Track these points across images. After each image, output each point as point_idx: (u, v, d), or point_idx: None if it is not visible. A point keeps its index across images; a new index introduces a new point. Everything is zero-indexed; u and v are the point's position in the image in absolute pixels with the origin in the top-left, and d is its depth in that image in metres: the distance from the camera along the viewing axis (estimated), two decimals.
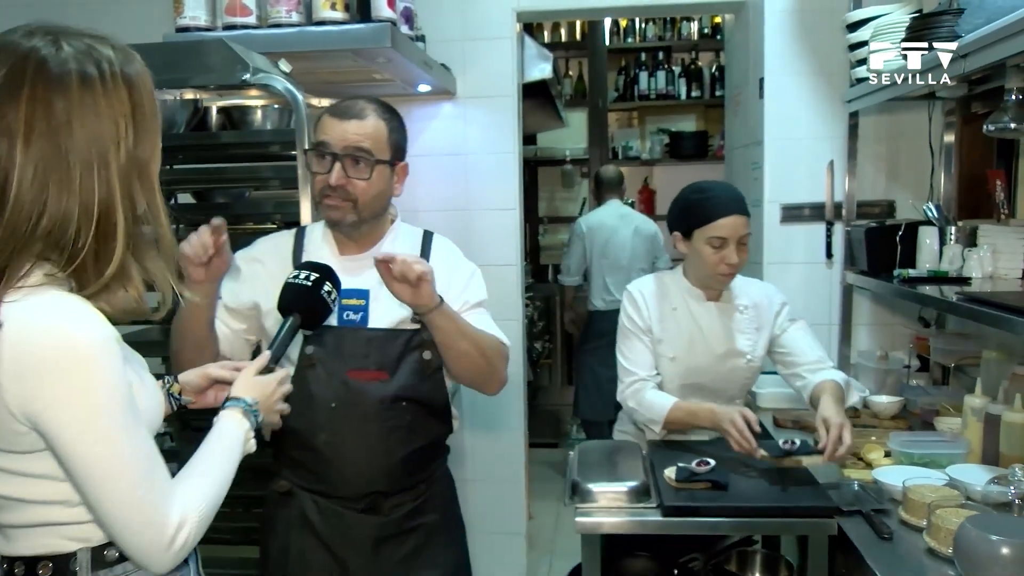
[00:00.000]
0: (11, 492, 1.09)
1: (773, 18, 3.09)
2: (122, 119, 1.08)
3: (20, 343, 1.01)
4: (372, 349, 1.70)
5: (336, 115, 1.72)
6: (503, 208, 3.27)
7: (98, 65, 1.07)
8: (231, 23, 2.41)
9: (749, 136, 3.36)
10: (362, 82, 2.88)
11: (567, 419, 5.71)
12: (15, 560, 1.13)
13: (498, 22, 3.29)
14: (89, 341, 1.03)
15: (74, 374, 1.02)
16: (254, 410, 1.31)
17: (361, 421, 1.69)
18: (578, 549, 1.87)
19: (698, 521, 1.74)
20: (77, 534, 1.12)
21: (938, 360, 2.74)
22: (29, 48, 1.04)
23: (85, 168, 1.05)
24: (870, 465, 2.07)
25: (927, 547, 1.61)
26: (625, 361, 2.21)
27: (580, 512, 1.77)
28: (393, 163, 1.75)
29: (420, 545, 1.79)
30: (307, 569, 1.75)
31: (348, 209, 1.70)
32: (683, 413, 2.08)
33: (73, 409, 1.02)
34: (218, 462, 1.22)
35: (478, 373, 1.75)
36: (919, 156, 2.96)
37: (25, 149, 1.02)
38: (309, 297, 1.56)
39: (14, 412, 1.03)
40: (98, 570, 1.13)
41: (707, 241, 2.10)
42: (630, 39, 6.41)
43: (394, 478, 1.74)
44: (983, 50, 1.84)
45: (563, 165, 6.51)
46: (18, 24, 1.10)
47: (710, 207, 2.11)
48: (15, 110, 1.02)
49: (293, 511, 1.77)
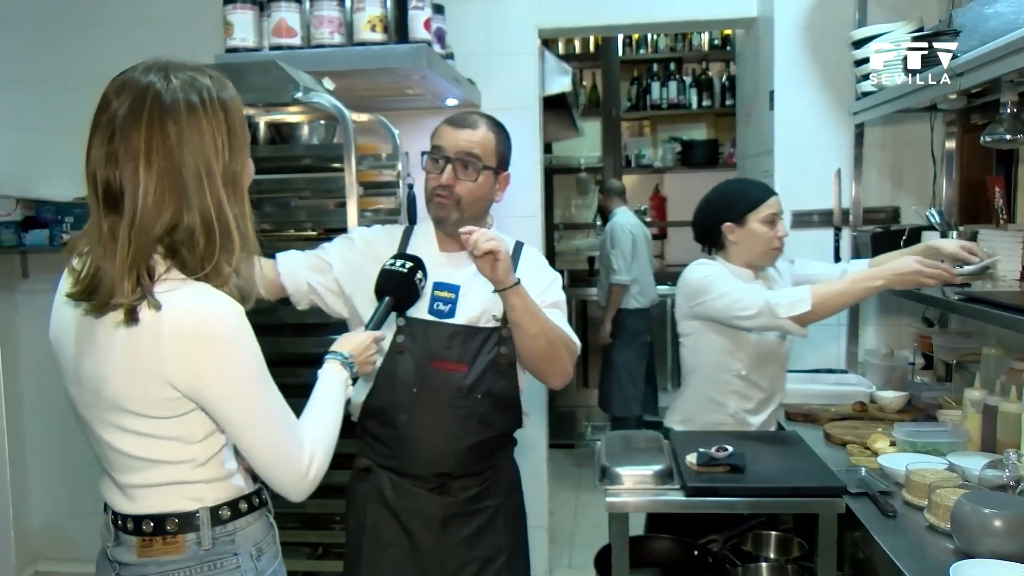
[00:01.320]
0: (145, 453, 1.28)
1: (783, 33, 3.25)
2: (220, 138, 1.27)
3: (179, 324, 1.21)
4: (455, 343, 1.88)
5: (452, 124, 1.91)
6: (526, 215, 3.45)
7: (199, 93, 1.26)
8: (277, 44, 2.58)
9: (760, 145, 3.52)
10: (395, 96, 3.06)
11: (583, 420, 5.86)
12: (142, 518, 1.31)
13: (520, 38, 3.47)
14: (233, 320, 1.25)
15: (225, 347, 1.24)
16: (349, 362, 1.58)
17: (438, 407, 1.87)
18: (595, 541, 2.02)
19: (718, 501, 1.88)
20: (196, 493, 1.31)
21: (941, 357, 2.86)
22: (147, 83, 1.24)
23: (195, 181, 1.23)
24: (876, 454, 2.20)
25: (928, 524, 1.75)
26: (740, 293, 2.24)
27: (609, 493, 1.92)
28: (497, 171, 1.94)
29: (483, 525, 1.96)
30: (380, 541, 1.93)
31: (453, 208, 1.89)
32: (834, 287, 2.21)
33: (226, 376, 1.24)
34: (330, 405, 1.48)
35: (545, 360, 1.89)
36: (922, 164, 3.10)
37: (147, 167, 1.21)
38: (403, 282, 1.77)
39: (173, 381, 1.22)
40: (215, 526, 1.32)
41: (762, 220, 2.32)
42: (642, 50, 6.58)
43: (462, 463, 1.91)
44: (978, 69, 1.99)
45: (578, 173, 6.67)
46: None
47: (756, 192, 2.38)
48: (137, 135, 1.21)
49: (371, 486, 1.96)
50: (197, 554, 1.31)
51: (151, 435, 1.27)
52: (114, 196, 1.22)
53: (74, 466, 3.63)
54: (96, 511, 3.67)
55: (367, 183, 2.66)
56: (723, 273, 2.33)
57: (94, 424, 1.32)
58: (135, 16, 3.56)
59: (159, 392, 1.23)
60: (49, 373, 1.77)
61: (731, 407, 2.37)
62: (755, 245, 2.36)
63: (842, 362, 3.25)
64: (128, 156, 1.21)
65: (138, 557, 1.32)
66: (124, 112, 1.21)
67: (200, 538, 1.31)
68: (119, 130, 1.21)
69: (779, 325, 2.21)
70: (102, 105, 1.25)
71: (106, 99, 1.24)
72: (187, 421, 1.27)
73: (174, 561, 1.31)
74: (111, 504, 1.38)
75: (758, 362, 2.36)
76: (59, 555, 3.86)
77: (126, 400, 1.25)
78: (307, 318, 2.17)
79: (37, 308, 3.87)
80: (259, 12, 2.62)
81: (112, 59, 3.55)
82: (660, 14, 3.48)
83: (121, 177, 1.21)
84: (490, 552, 1.96)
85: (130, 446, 1.28)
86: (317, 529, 2.74)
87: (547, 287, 1.98)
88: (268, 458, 1.31)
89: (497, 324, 1.90)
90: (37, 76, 3.62)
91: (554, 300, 1.98)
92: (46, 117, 3.60)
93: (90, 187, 1.25)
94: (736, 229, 2.36)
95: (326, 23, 2.56)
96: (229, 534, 1.34)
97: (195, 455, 1.30)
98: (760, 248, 2.36)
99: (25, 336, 3.74)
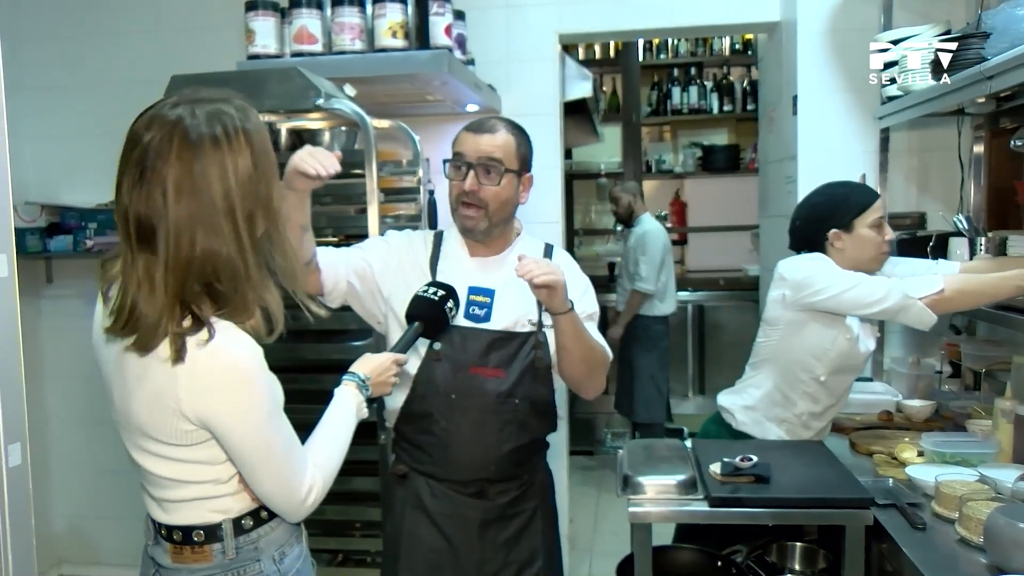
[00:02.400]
0: (174, 475, 1.33)
1: (806, 38, 3.22)
2: (246, 167, 1.28)
3: (194, 364, 1.23)
4: (493, 349, 1.89)
5: (472, 130, 1.92)
6: (547, 221, 3.43)
7: (224, 126, 1.27)
8: (298, 51, 2.59)
9: (783, 151, 3.48)
10: (415, 103, 3.06)
11: (602, 427, 5.83)
12: (173, 528, 1.37)
13: (541, 44, 3.46)
14: (249, 362, 1.27)
15: (237, 389, 1.27)
16: (366, 385, 1.60)
17: (477, 413, 1.88)
18: (616, 549, 2.00)
19: (742, 512, 1.86)
20: (220, 507, 1.36)
21: (969, 365, 2.82)
22: (175, 117, 1.25)
23: (222, 214, 1.24)
24: (903, 464, 2.16)
25: (959, 537, 1.71)
26: (863, 280, 2.16)
27: (632, 503, 1.90)
28: (520, 173, 1.94)
29: (521, 529, 1.97)
30: (418, 546, 1.94)
31: (481, 216, 1.89)
32: (979, 280, 2.11)
33: (235, 415, 1.28)
34: (339, 430, 1.51)
35: (583, 376, 1.94)
36: (949, 169, 3.05)
37: (177, 201, 1.22)
38: (433, 310, 1.79)
39: (187, 415, 1.26)
40: (238, 535, 1.37)
41: (870, 225, 2.24)
42: (663, 55, 6.55)
43: (501, 468, 1.92)
44: (1009, 72, 1.95)
45: (597, 179, 6.65)
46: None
47: (862, 195, 2.27)
48: (166, 169, 1.23)
49: (408, 492, 1.97)
50: (223, 563, 1.37)
51: (176, 459, 1.32)
52: (147, 233, 1.23)
53: (97, 470, 3.66)
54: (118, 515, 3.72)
55: (387, 189, 2.66)
56: (837, 268, 2.22)
57: (127, 442, 1.38)
58: (158, 24, 3.59)
59: (177, 424, 1.27)
60: (72, 378, 1.79)
61: (799, 407, 2.30)
62: (864, 250, 2.26)
63: (867, 370, 3.20)
64: (158, 191, 1.22)
65: (172, 562, 1.38)
66: (154, 147, 1.23)
67: (224, 548, 1.36)
68: (149, 165, 1.22)
69: (910, 306, 2.09)
70: (131, 141, 1.26)
71: (135, 135, 1.26)
72: (207, 447, 1.31)
73: (203, 568, 1.37)
74: (149, 512, 1.43)
75: (839, 370, 2.29)
76: (81, 559, 3.89)
77: (150, 428, 1.30)
78: (327, 324, 2.16)
79: (61, 313, 3.93)
80: (281, 19, 2.64)
81: (135, 67, 3.63)
82: (682, 19, 3.46)
83: (152, 212, 1.22)
84: (527, 555, 1.98)
85: (158, 468, 1.33)
86: (338, 536, 2.74)
87: (581, 296, 1.97)
88: (268, 489, 1.35)
89: (533, 328, 1.91)
90: (61, 84, 3.66)
91: (589, 312, 1.98)
92: (70, 125, 3.64)
93: (121, 223, 1.26)
94: (843, 235, 2.26)
95: (347, 30, 2.57)
96: (252, 542, 1.38)
97: (219, 475, 1.34)
98: (869, 253, 2.26)
99: (49, 340, 3.77)
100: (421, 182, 2.70)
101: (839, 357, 2.26)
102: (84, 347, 1.77)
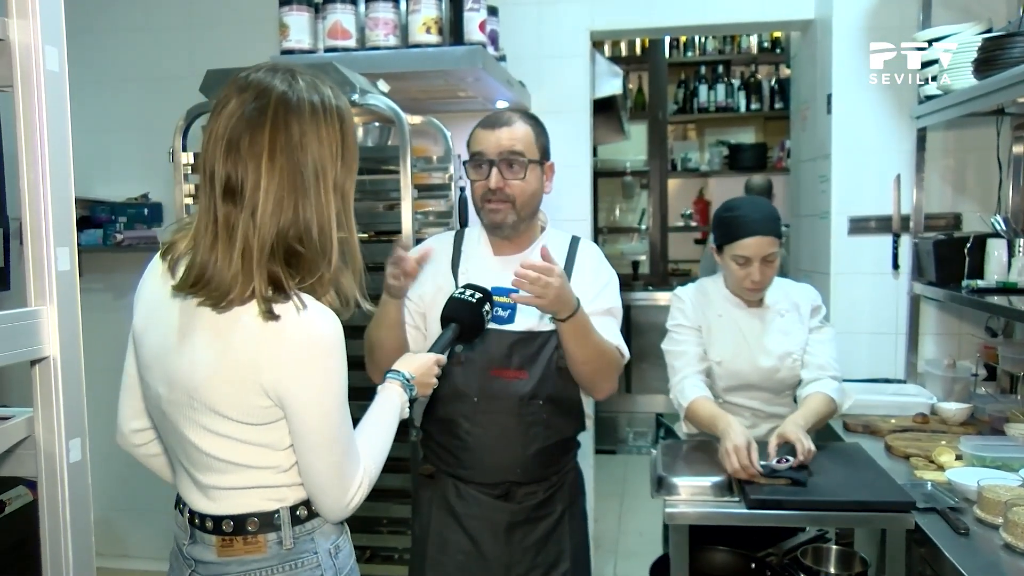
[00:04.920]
0: (236, 457, 1.29)
1: (841, 35, 3.17)
2: (335, 144, 1.29)
3: (280, 334, 1.22)
4: (515, 351, 1.86)
5: (487, 126, 1.89)
6: (576, 219, 3.41)
7: (322, 98, 1.28)
8: (332, 46, 2.59)
9: (816, 150, 3.45)
10: (447, 99, 3.05)
11: (625, 426, 5.80)
12: (222, 518, 1.32)
13: (572, 40, 3.44)
14: (335, 339, 1.26)
15: (324, 362, 1.25)
16: (411, 384, 1.54)
17: (501, 415, 1.86)
18: (640, 550, 1.98)
19: (781, 514, 1.84)
20: (277, 496, 1.32)
21: (1007, 368, 2.78)
22: (272, 83, 1.25)
23: (314, 183, 1.25)
24: (942, 468, 2.14)
25: (1004, 542, 1.69)
26: (674, 360, 2.27)
27: (668, 504, 1.89)
28: (542, 162, 1.91)
29: (549, 531, 1.94)
30: (445, 546, 1.92)
31: (508, 210, 1.87)
32: (705, 412, 2.13)
33: (318, 388, 1.25)
34: (384, 430, 1.45)
35: (590, 379, 1.90)
36: (987, 169, 3.01)
37: (271, 165, 1.22)
38: (470, 312, 1.72)
39: (266, 388, 1.23)
40: (294, 525, 1.33)
41: (732, 258, 2.20)
42: (690, 53, 6.51)
43: (528, 469, 1.89)
44: None
45: (623, 176, 6.62)
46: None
47: (736, 226, 2.19)
48: (262, 133, 1.22)
49: (436, 493, 1.95)
50: (279, 553, 1.32)
51: (241, 440, 1.28)
52: (233, 189, 1.23)
53: (126, 463, 3.62)
54: (147, 508, 3.71)
55: (418, 185, 2.65)
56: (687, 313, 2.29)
57: (180, 423, 1.31)
58: (190, 19, 3.60)
59: (255, 399, 1.25)
60: (101, 370, 1.79)
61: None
62: (730, 276, 2.27)
63: (900, 372, 3.17)
64: (252, 154, 1.22)
65: (219, 556, 1.32)
66: (249, 110, 1.23)
67: (281, 538, 1.32)
68: (243, 127, 1.22)
69: (673, 396, 2.24)
70: (222, 102, 1.26)
71: (226, 98, 1.25)
72: (276, 428, 1.28)
73: (257, 560, 1.31)
74: (189, 503, 1.36)
75: (733, 392, 2.29)
76: (111, 551, 3.91)
77: (221, 404, 1.26)
78: (367, 321, 2.15)
79: (90, 307, 3.90)
80: (315, 14, 2.64)
81: (167, 62, 3.63)
82: (714, 16, 3.42)
83: (243, 173, 1.22)
84: (555, 558, 1.94)
85: (217, 449, 1.29)
86: (367, 533, 2.73)
87: (600, 291, 1.94)
88: (322, 479, 1.30)
89: (554, 327, 1.86)
90: (93, 79, 3.68)
91: (607, 307, 1.94)
92: (102, 119, 3.66)
93: (206, 181, 1.25)
94: (717, 254, 2.28)
95: (381, 25, 2.56)
96: (308, 532, 1.34)
97: (280, 462, 1.31)
98: (733, 281, 2.27)
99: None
100: (452, 179, 2.69)
101: (726, 380, 2.29)
102: (113, 341, 1.76)
